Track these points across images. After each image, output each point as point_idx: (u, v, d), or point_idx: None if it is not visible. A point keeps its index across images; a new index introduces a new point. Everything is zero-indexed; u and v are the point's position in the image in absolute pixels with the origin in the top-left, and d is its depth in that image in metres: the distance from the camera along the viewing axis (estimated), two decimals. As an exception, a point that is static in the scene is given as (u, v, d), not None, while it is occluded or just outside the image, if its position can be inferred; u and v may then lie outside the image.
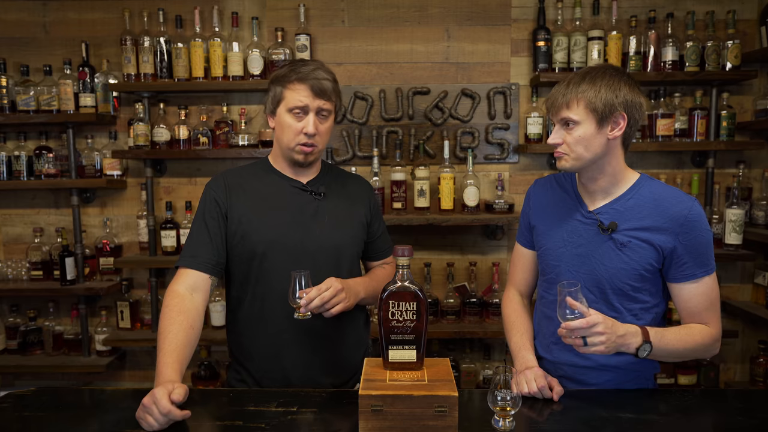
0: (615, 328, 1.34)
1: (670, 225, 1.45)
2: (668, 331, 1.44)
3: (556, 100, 1.46)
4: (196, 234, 1.59)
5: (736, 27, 2.75)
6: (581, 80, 1.44)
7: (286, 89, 1.56)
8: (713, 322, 1.49)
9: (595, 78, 1.43)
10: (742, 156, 2.86)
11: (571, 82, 1.45)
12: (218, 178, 1.65)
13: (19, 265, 2.96)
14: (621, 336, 1.35)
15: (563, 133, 1.46)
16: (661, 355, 1.44)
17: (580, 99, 1.42)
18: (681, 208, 1.45)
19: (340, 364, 1.67)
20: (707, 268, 1.47)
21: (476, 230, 2.95)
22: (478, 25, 2.86)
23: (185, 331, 1.44)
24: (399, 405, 1.18)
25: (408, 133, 2.86)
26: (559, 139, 1.46)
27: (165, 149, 2.79)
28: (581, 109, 1.42)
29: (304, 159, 1.60)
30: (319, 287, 1.45)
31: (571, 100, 1.43)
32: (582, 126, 1.43)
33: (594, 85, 1.42)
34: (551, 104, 1.48)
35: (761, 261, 2.85)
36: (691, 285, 1.47)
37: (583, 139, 1.43)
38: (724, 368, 2.98)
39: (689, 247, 1.45)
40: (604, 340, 1.32)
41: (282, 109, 1.58)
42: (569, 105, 1.43)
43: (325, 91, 1.56)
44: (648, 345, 1.38)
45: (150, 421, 1.25)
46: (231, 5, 2.86)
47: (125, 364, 3.03)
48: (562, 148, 1.46)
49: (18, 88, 2.80)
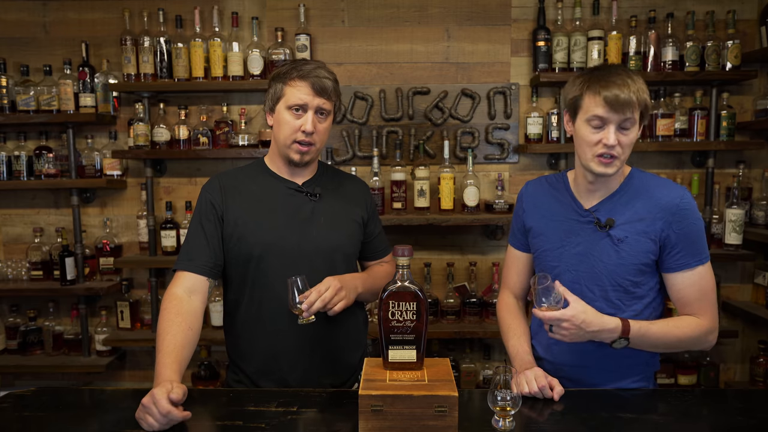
0: (587, 323, 1.38)
1: (662, 214, 1.47)
2: (654, 324, 1.46)
3: (628, 98, 1.38)
4: (193, 237, 1.59)
5: (736, 27, 2.75)
6: (635, 78, 1.41)
7: (286, 86, 1.56)
8: (707, 314, 1.50)
9: (636, 77, 1.43)
10: (742, 156, 2.86)
11: (622, 81, 1.39)
12: (213, 181, 1.65)
13: (19, 265, 2.96)
14: (593, 332, 1.39)
15: (617, 135, 1.41)
16: (645, 347, 1.48)
17: (643, 100, 1.41)
18: (673, 196, 1.48)
19: (339, 365, 1.67)
20: (701, 257, 1.48)
21: (476, 230, 2.95)
22: (478, 25, 2.86)
23: (184, 332, 1.44)
24: (399, 405, 1.18)
25: (408, 133, 2.86)
26: (615, 140, 1.41)
27: (165, 149, 2.79)
28: (639, 109, 1.42)
29: (299, 159, 1.59)
30: (318, 289, 1.45)
31: (640, 101, 1.40)
32: (636, 127, 1.43)
33: (643, 85, 1.42)
34: (619, 102, 1.38)
35: (761, 261, 2.85)
36: (685, 274, 1.49)
37: (634, 140, 1.44)
38: (724, 368, 2.98)
39: (682, 236, 1.46)
40: (566, 333, 1.39)
41: (281, 106, 1.58)
42: (635, 105, 1.39)
43: (326, 89, 1.56)
44: (624, 340, 1.42)
45: (150, 421, 1.25)
46: (231, 5, 2.86)
47: (125, 364, 3.03)
48: (616, 150, 1.42)
49: (18, 88, 2.80)
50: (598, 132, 1.43)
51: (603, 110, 1.40)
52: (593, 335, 1.40)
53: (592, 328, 1.38)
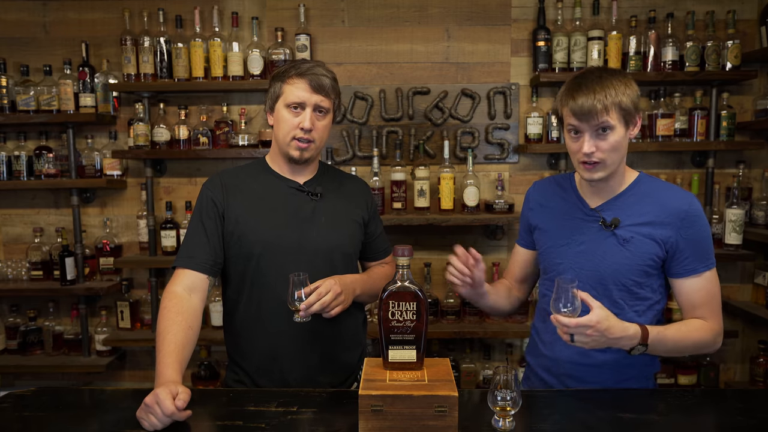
0: (610, 331, 1.34)
1: (671, 219, 1.47)
2: (669, 329, 1.46)
3: (592, 107, 1.39)
4: (193, 234, 1.59)
5: (736, 27, 2.75)
6: (605, 83, 1.41)
7: (285, 84, 1.57)
8: (714, 318, 1.51)
9: (612, 79, 1.42)
10: (742, 156, 2.86)
11: (595, 86, 1.41)
12: (215, 179, 1.65)
13: (19, 265, 2.96)
14: (615, 338, 1.36)
15: (595, 140, 1.43)
16: (660, 352, 1.48)
17: (614, 103, 1.41)
18: (681, 203, 1.48)
19: (338, 364, 1.67)
20: (708, 262, 1.49)
21: (476, 230, 2.94)
22: (478, 25, 2.86)
23: (184, 331, 1.44)
24: (399, 405, 1.18)
25: (408, 133, 2.86)
26: (593, 147, 1.43)
27: (165, 149, 2.79)
28: (614, 113, 1.41)
29: (299, 155, 1.59)
30: (318, 292, 1.46)
31: (609, 106, 1.40)
32: (616, 131, 1.42)
33: (616, 87, 1.41)
34: (585, 111, 1.40)
35: (761, 261, 2.85)
36: (693, 280, 1.49)
37: (617, 143, 1.43)
38: (724, 368, 2.98)
39: (690, 242, 1.47)
40: (589, 341, 1.35)
41: (280, 105, 1.59)
42: (608, 111, 1.40)
43: (324, 86, 1.57)
44: (643, 347, 1.41)
45: (153, 420, 1.25)
46: (231, 5, 2.86)
47: (125, 364, 3.03)
48: (597, 155, 1.43)
49: (18, 88, 2.80)
50: (578, 140, 1.46)
51: (574, 120, 1.43)
52: (614, 342, 1.37)
53: (614, 335, 1.35)
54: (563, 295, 1.33)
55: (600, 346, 1.38)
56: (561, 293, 1.33)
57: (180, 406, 1.26)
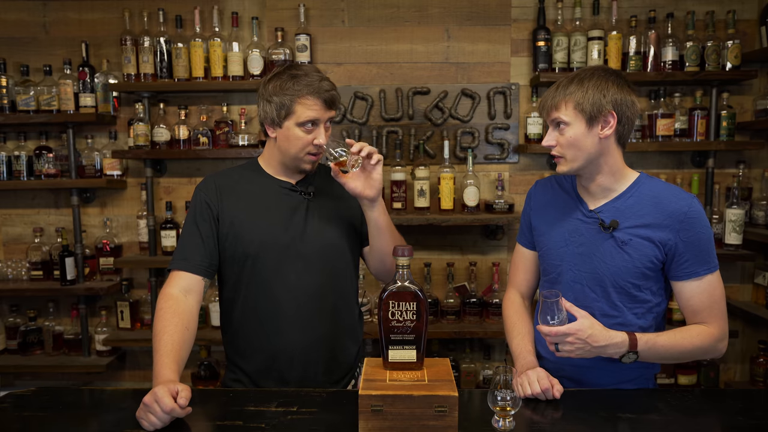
0: (593, 338, 1.36)
1: (670, 222, 1.46)
2: (661, 336, 1.45)
3: (546, 102, 1.51)
4: (187, 236, 1.59)
5: (736, 27, 2.75)
6: (570, 82, 1.47)
7: (296, 104, 1.54)
8: (717, 322, 1.48)
9: (583, 79, 1.46)
10: (742, 156, 2.86)
11: (561, 84, 1.49)
12: (208, 180, 1.65)
13: (19, 265, 2.96)
14: (600, 347, 1.38)
15: (556, 134, 1.49)
16: (654, 360, 1.48)
17: (568, 100, 1.46)
18: (681, 205, 1.46)
19: (336, 361, 1.67)
20: (709, 265, 1.47)
21: (476, 230, 2.95)
22: (478, 25, 2.86)
23: (180, 332, 1.44)
24: (399, 405, 1.18)
25: (408, 133, 2.86)
26: (552, 140, 1.50)
27: (165, 149, 2.79)
28: (570, 110, 1.45)
29: (312, 167, 1.62)
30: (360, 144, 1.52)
31: (559, 102, 1.47)
32: (572, 127, 1.46)
33: (581, 86, 1.45)
34: (542, 106, 1.53)
35: (761, 261, 2.85)
36: (693, 283, 1.48)
37: (574, 139, 1.46)
38: (724, 368, 2.98)
39: (690, 244, 1.45)
40: (573, 349, 1.38)
41: (291, 123, 1.55)
42: (558, 107, 1.47)
43: (335, 101, 1.59)
44: (633, 354, 1.41)
45: (152, 419, 1.25)
46: (231, 5, 2.86)
47: (125, 364, 3.03)
48: (556, 150, 1.50)
49: (18, 88, 2.80)
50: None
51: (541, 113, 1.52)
52: (600, 351, 1.38)
53: (599, 343, 1.37)
54: (548, 309, 1.37)
55: (587, 355, 1.39)
56: (546, 307, 1.37)
57: (182, 405, 1.26)
